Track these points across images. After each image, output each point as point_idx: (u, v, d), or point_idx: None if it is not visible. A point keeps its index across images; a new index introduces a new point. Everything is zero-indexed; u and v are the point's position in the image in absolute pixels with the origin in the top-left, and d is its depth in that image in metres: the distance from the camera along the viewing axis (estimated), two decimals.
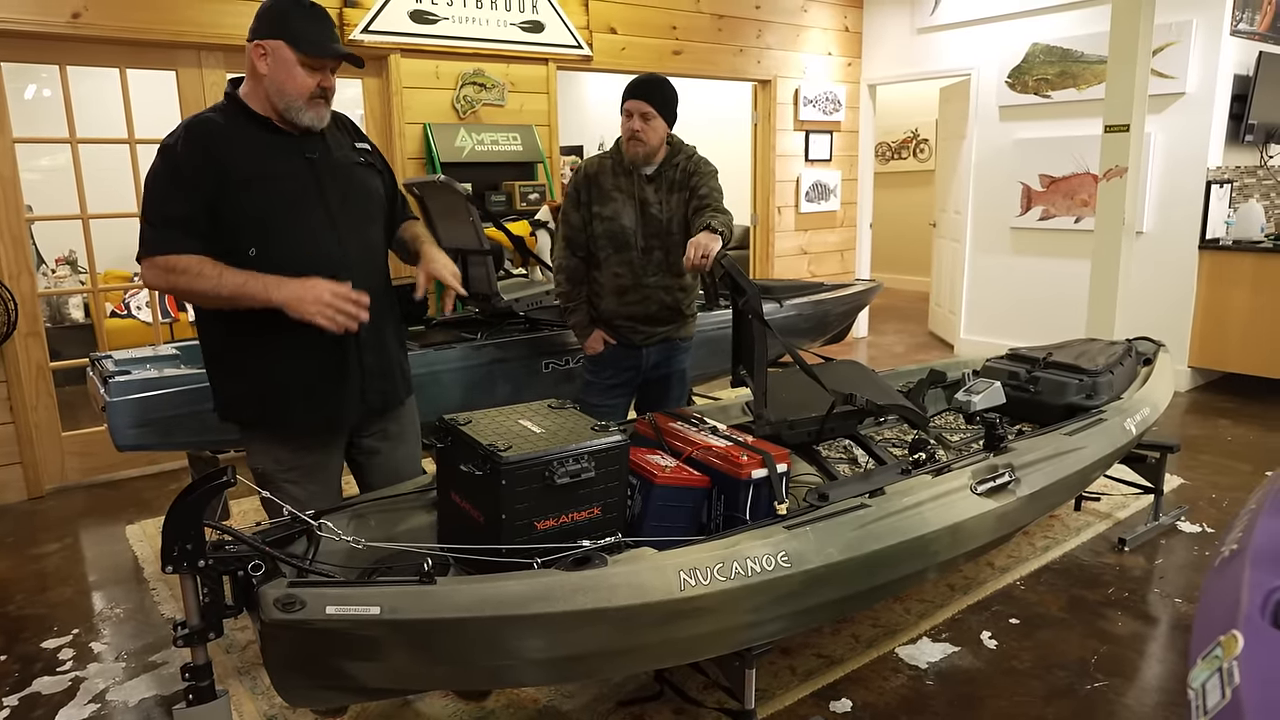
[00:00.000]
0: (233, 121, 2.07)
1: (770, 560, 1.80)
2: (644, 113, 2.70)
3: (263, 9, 2.05)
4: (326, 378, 2.13)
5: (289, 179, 2.07)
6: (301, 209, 2.08)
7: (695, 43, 5.92)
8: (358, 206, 2.18)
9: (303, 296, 1.95)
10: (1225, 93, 5.18)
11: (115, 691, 2.45)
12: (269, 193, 2.04)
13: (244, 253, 2.02)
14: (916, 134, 9.81)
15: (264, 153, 2.06)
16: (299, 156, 2.09)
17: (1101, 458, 2.72)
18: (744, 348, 2.44)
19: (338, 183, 2.14)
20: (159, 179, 2.01)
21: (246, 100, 2.08)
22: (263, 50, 2.03)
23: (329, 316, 1.96)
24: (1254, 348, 5.10)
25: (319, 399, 2.12)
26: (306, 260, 2.05)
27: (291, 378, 2.09)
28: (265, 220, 2.03)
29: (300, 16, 2.04)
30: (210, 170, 1.99)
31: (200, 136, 2.01)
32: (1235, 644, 0.95)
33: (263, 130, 2.07)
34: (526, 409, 2.06)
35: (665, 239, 2.81)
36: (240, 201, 2.01)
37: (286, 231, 2.05)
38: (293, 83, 2.03)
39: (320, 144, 2.13)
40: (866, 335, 7.42)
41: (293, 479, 2.17)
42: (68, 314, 6.06)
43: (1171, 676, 2.42)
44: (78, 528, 3.67)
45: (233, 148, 2.03)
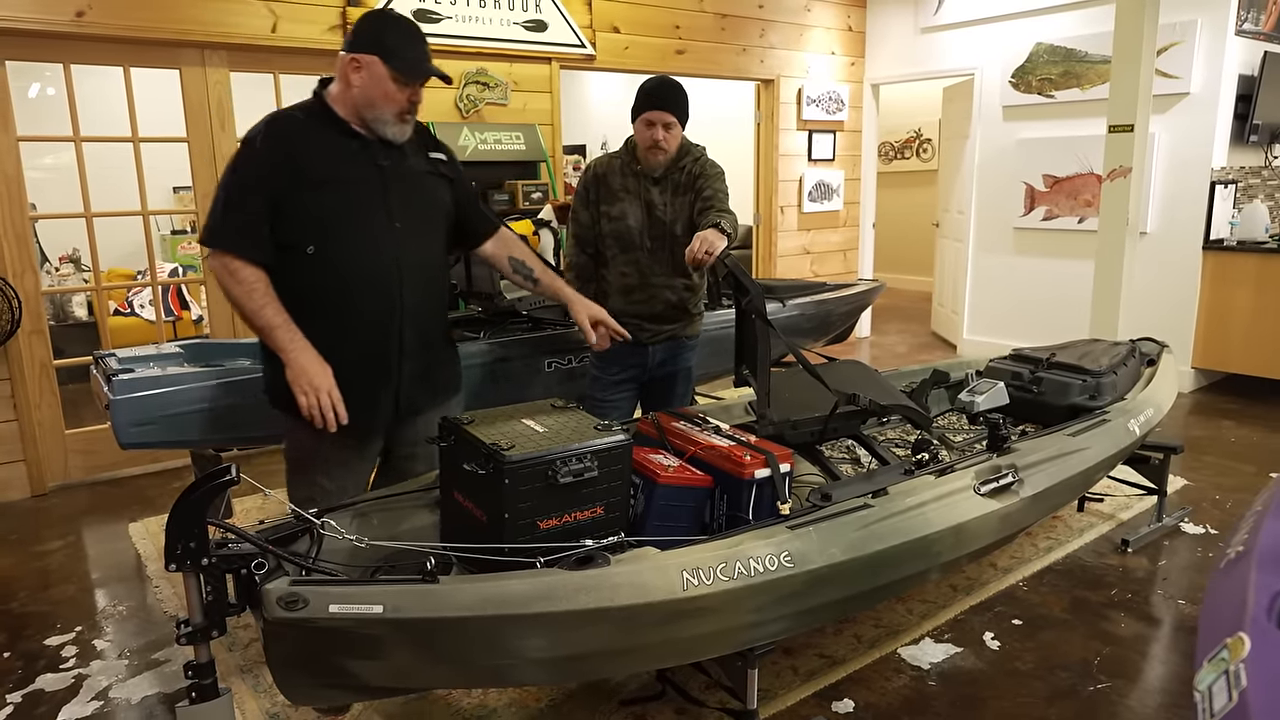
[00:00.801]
0: (314, 121, 2.14)
1: (773, 560, 1.80)
2: (667, 123, 2.69)
3: (361, 23, 2.14)
4: (367, 378, 2.20)
5: (358, 184, 2.13)
6: (364, 214, 2.14)
7: (698, 42, 5.92)
8: (421, 215, 2.24)
9: (310, 374, 2.06)
10: (1230, 93, 5.17)
11: (118, 689, 2.45)
12: (336, 195, 2.11)
13: (302, 250, 2.10)
14: (919, 134, 9.80)
15: (338, 156, 2.13)
16: (371, 163, 2.16)
17: (1105, 459, 2.72)
18: (747, 347, 2.44)
19: (404, 191, 2.20)
20: (237, 171, 2.10)
21: (331, 103, 2.16)
22: (357, 64, 2.10)
23: (309, 402, 2.06)
24: (1258, 349, 5.09)
25: (357, 398, 2.17)
26: (362, 264, 2.14)
27: (342, 370, 2.14)
28: (327, 221, 2.10)
29: (397, 35, 2.12)
30: (285, 167, 2.06)
31: (279, 133, 2.10)
32: (1242, 646, 0.94)
33: (341, 134, 2.14)
34: (529, 408, 2.07)
35: (670, 239, 2.82)
36: (307, 200, 2.08)
37: (346, 234, 2.12)
38: (384, 98, 2.11)
39: (394, 152, 2.20)
40: (869, 335, 7.42)
41: (323, 470, 2.23)
42: (71, 312, 6.07)
43: (1175, 678, 2.41)
44: (81, 525, 3.67)
45: (309, 147, 2.10)
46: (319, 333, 2.12)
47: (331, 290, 2.14)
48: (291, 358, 2.07)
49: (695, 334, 3.03)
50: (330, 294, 2.14)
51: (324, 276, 2.12)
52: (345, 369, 2.14)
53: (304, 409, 2.07)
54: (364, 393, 2.19)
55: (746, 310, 2.24)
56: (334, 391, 2.08)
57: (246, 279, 2.06)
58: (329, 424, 2.08)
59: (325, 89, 2.18)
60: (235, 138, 4.27)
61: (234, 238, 2.07)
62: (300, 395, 2.07)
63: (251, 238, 2.07)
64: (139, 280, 6.12)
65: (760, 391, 2.25)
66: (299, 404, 2.08)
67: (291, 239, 2.09)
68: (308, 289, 2.13)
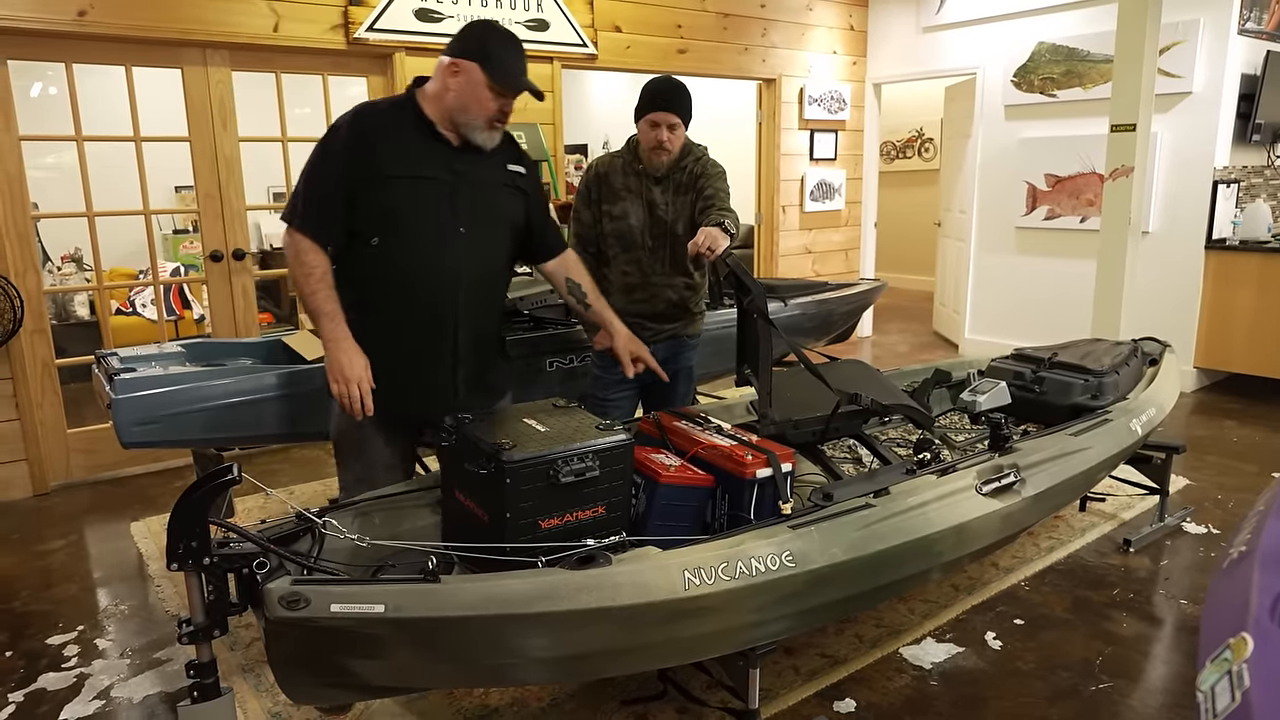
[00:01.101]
0: (400, 117, 2.21)
1: (775, 560, 1.80)
2: (671, 124, 2.70)
3: (466, 30, 2.21)
4: (419, 375, 2.27)
5: (428, 183, 2.19)
6: (430, 214, 2.19)
7: (700, 41, 5.92)
8: (487, 223, 2.29)
9: (342, 364, 2.14)
10: (1232, 92, 5.16)
11: (120, 688, 2.45)
12: (405, 191, 2.17)
13: (368, 240, 2.19)
14: (921, 133, 9.80)
15: (415, 154, 2.19)
16: (446, 166, 2.22)
17: (1107, 458, 2.71)
18: (749, 347, 2.44)
19: (474, 198, 2.25)
20: (321, 155, 2.18)
21: (423, 102, 2.22)
22: (456, 68, 2.17)
23: (338, 391, 2.15)
24: (1260, 348, 5.08)
25: (410, 394, 2.27)
26: (422, 263, 2.20)
27: (392, 364, 2.23)
28: (393, 216, 2.17)
29: (499, 45, 2.19)
30: (363, 158, 2.14)
31: (363, 125, 2.18)
32: (1245, 647, 0.94)
33: (424, 134, 2.21)
34: (531, 408, 2.07)
35: (672, 239, 2.82)
36: (378, 193, 2.15)
37: (412, 232, 2.18)
38: (478, 105, 2.17)
39: (470, 159, 2.25)
40: (871, 335, 7.41)
41: (355, 453, 2.32)
42: (73, 311, 6.08)
43: (1177, 678, 2.41)
44: (83, 524, 3.67)
45: (390, 142, 2.17)
46: (377, 325, 2.22)
47: (391, 285, 2.21)
48: (330, 347, 2.16)
49: (697, 333, 3.03)
50: (390, 288, 2.22)
51: (385, 270, 2.21)
52: (400, 363, 2.24)
53: (335, 396, 2.18)
54: (416, 387, 2.28)
55: (748, 309, 2.25)
56: (364, 384, 2.15)
57: (309, 261, 2.15)
58: (355, 413, 2.16)
59: (419, 88, 2.25)
60: (237, 137, 4.28)
61: (306, 220, 2.16)
62: (332, 384, 2.16)
63: (322, 222, 2.16)
64: (141, 279, 6.12)
65: (762, 391, 2.25)
66: (331, 390, 2.18)
67: (360, 228, 2.18)
68: (370, 280, 2.22)
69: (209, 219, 4.31)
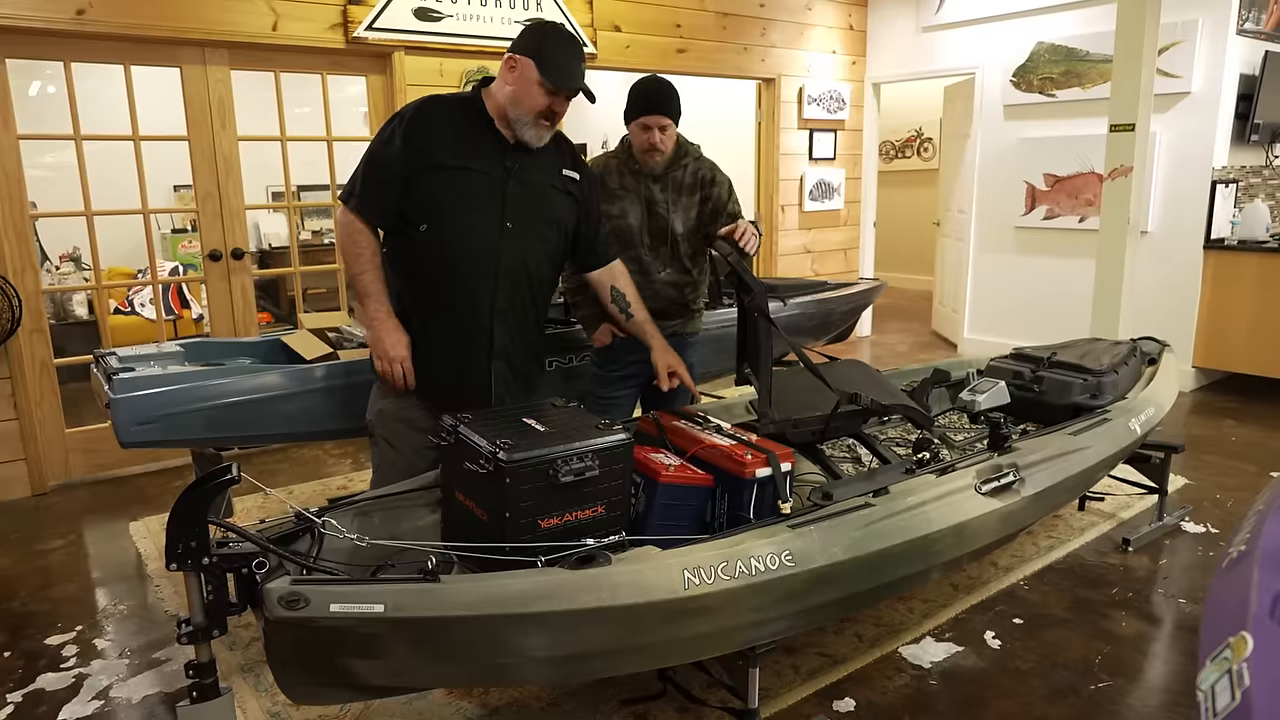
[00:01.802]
0: (462, 111, 2.30)
1: (774, 559, 1.80)
2: (662, 125, 2.72)
3: (526, 28, 2.28)
4: (456, 363, 2.35)
5: (481, 177, 2.26)
6: (476, 206, 2.26)
7: (699, 41, 5.92)
8: (534, 222, 2.34)
9: (385, 344, 2.27)
10: (1231, 92, 5.17)
11: (119, 688, 2.45)
12: (454, 181, 2.24)
13: (417, 226, 2.27)
14: (920, 133, 9.80)
15: (472, 147, 2.27)
16: (498, 161, 2.28)
17: (1106, 458, 2.71)
18: (749, 346, 2.44)
19: (523, 196, 2.31)
20: (382, 140, 2.26)
21: (485, 98, 2.30)
22: (514, 63, 2.23)
23: (382, 368, 2.30)
24: (1259, 348, 5.09)
25: (446, 378, 2.35)
26: (466, 254, 2.27)
27: (432, 347, 2.33)
28: (441, 204, 2.24)
29: (555, 44, 2.24)
30: (419, 146, 2.22)
31: (426, 113, 2.27)
32: (1245, 646, 0.94)
33: (482, 128, 2.28)
34: (530, 407, 2.06)
35: (671, 237, 2.83)
36: (432, 181, 2.23)
37: (455, 221, 2.26)
38: (529, 99, 2.23)
39: (524, 158, 2.31)
40: (870, 334, 7.42)
41: (391, 434, 2.40)
42: (71, 311, 6.07)
43: (1176, 677, 2.41)
44: (81, 524, 3.67)
45: (446, 132, 2.25)
46: (419, 308, 2.32)
47: (434, 271, 2.29)
48: (374, 326, 2.27)
49: (696, 331, 3.03)
50: (433, 274, 2.29)
51: (430, 256, 2.28)
52: (439, 346, 2.33)
53: (380, 373, 2.31)
54: (448, 383, 2.35)
55: (749, 309, 2.25)
56: (406, 362, 2.28)
57: (359, 241, 2.26)
58: (400, 387, 2.31)
59: (485, 85, 2.32)
60: (236, 136, 4.28)
61: (364, 201, 2.26)
62: (377, 361, 2.30)
63: (376, 204, 2.26)
64: (139, 279, 6.12)
65: (762, 390, 2.25)
66: (375, 368, 2.30)
67: (411, 214, 2.26)
68: (415, 265, 2.31)
69: (208, 218, 4.30)
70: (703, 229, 2.87)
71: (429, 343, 2.33)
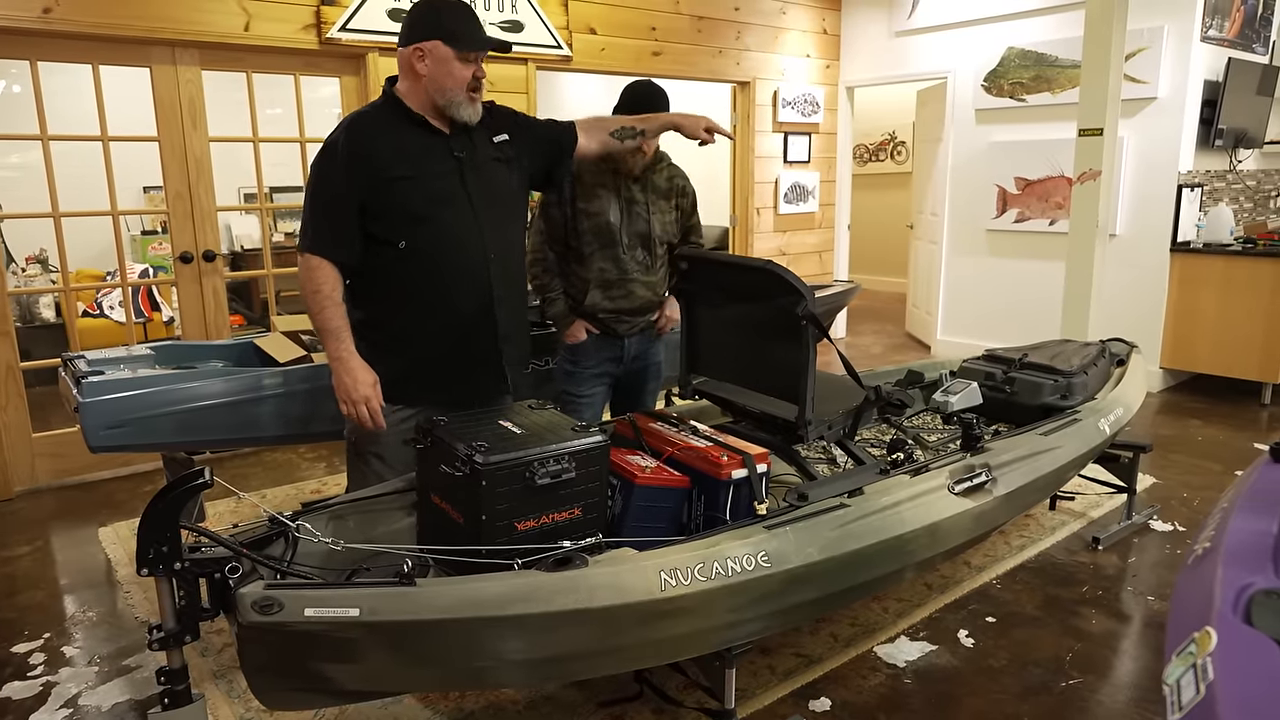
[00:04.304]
0: (390, 118, 2.21)
1: (750, 560, 1.81)
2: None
3: (413, 14, 2.20)
4: (467, 365, 2.31)
5: (438, 177, 2.20)
6: (448, 206, 2.21)
7: (674, 44, 5.93)
8: (499, 204, 2.31)
9: (346, 386, 2.16)
10: (1196, 98, 5.27)
11: (88, 696, 2.41)
12: (418, 189, 2.17)
13: (395, 245, 2.18)
14: (894, 136, 9.88)
15: (416, 150, 2.20)
16: (448, 155, 2.23)
17: (1076, 457, 2.75)
18: (707, 351, 2.46)
19: (481, 181, 2.27)
20: (322, 175, 2.18)
21: (404, 99, 2.22)
22: (421, 53, 2.17)
23: (346, 412, 2.20)
24: (1224, 349, 5.18)
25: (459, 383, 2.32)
26: (453, 255, 2.22)
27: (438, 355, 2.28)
28: (415, 215, 2.18)
29: (451, 15, 2.19)
30: (367, 167, 2.14)
31: (359, 133, 2.18)
32: (1209, 640, 0.96)
33: (417, 128, 2.22)
34: (506, 409, 2.06)
35: (647, 239, 2.87)
36: (392, 196, 2.15)
37: (435, 227, 2.20)
38: (451, 79, 2.18)
39: (467, 142, 2.26)
40: (845, 336, 7.47)
41: (379, 453, 2.32)
42: (38, 313, 5.97)
43: (1144, 673, 2.45)
44: (49, 530, 3.61)
45: (389, 144, 2.17)
46: (416, 321, 2.25)
47: (426, 283, 2.23)
48: (335, 366, 2.18)
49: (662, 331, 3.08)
50: (425, 287, 2.23)
51: (418, 270, 2.21)
52: (447, 358, 2.28)
53: (345, 415, 2.21)
54: (461, 377, 2.32)
55: (801, 315, 2.16)
56: (371, 401, 2.18)
57: (317, 279, 2.15)
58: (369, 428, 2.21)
59: (394, 86, 2.25)
60: (207, 137, 4.23)
61: (317, 240, 2.17)
62: (341, 405, 2.19)
63: (335, 239, 2.16)
64: (108, 281, 6.03)
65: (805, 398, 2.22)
66: (341, 410, 2.20)
67: (384, 235, 2.18)
68: (404, 283, 2.23)
69: (178, 220, 4.25)
70: (670, 235, 2.95)
71: (434, 350, 2.27)
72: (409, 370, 2.28)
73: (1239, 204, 5.57)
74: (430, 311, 2.25)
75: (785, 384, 2.29)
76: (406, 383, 2.29)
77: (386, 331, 2.27)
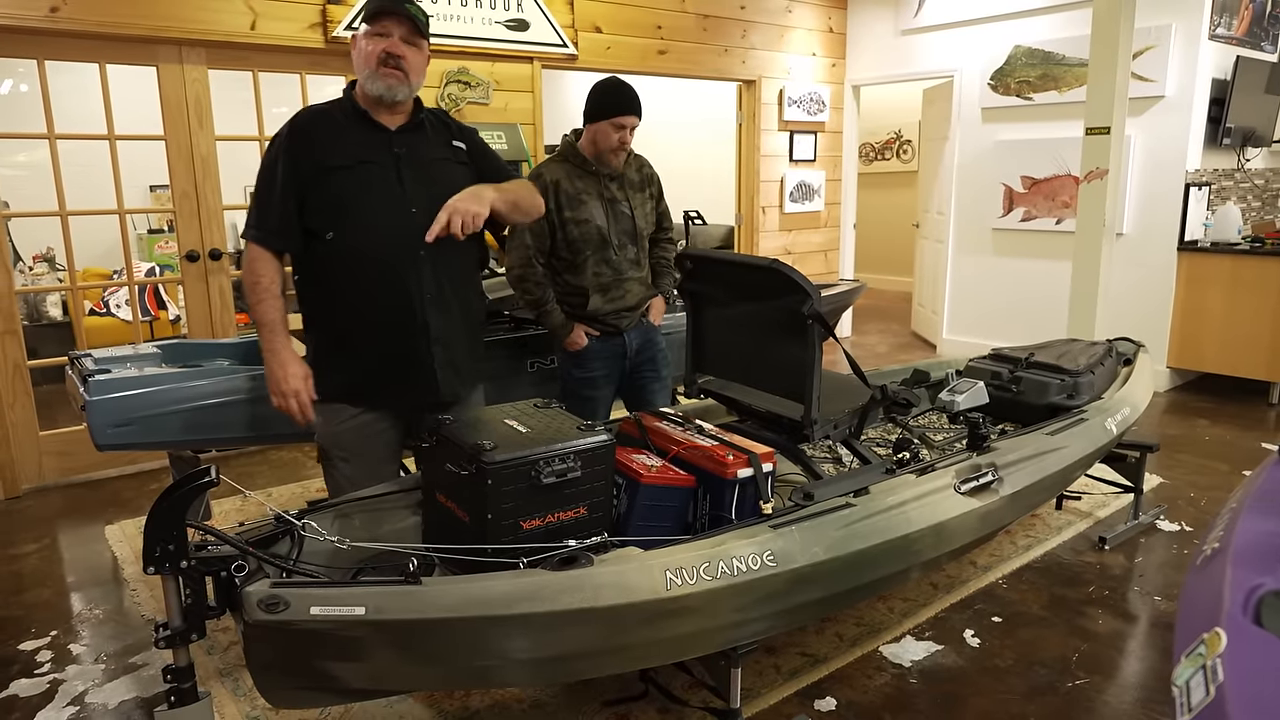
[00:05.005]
0: (337, 112, 2.24)
1: (756, 560, 1.80)
2: (634, 125, 2.84)
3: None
4: (395, 366, 2.26)
5: (370, 168, 2.19)
6: (379, 199, 2.19)
7: (680, 42, 5.93)
8: (439, 200, 2.24)
9: (277, 378, 2.16)
10: (1204, 96, 5.24)
11: (95, 694, 2.42)
12: (349, 180, 2.17)
13: (323, 236, 2.18)
14: (900, 135, 9.86)
15: (354, 143, 2.20)
16: (386, 150, 2.22)
17: (1082, 457, 2.74)
18: (713, 350, 2.45)
19: (421, 177, 2.24)
20: (265, 167, 2.20)
21: (355, 95, 2.25)
22: (353, 42, 2.22)
23: (276, 404, 2.19)
24: (1231, 348, 5.16)
25: (386, 386, 2.27)
26: (380, 250, 2.19)
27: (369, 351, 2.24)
28: (343, 206, 2.17)
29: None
30: (305, 158, 2.15)
31: (302, 125, 2.21)
32: (1219, 641, 0.96)
33: (361, 122, 2.23)
34: (512, 408, 2.06)
35: (634, 234, 2.94)
36: (325, 186, 2.16)
37: (362, 220, 2.18)
38: (362, 57, 2.19)
39: (410, 139, 2.26)
40: (850, 335, 7.46)
41: (344, 456, 2.31)
42: (45, 312, 5.99)
43: (1151, 673, 2.44)
44: (55, 528, 3.62)
45: (329, 136, 2.19)
46: (347, 320, 2.23)
47: (354, 277, 2.20)
48: (267, 358, 2.18)
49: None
50: (353, 281, 2.21)
51: (345, 263, 2.20)
52: (372, 356, 2.25)
53: (277, 408, 2.20)
54: (393, 380, 2.27)
55: (807, 315, 2.15)
56: (301, 395, 2.19)
57: (258, 270, 2.17)
58: (299, 422, 2.20)
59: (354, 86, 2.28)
60: (213, 136, 4.24)
61: (259, 230, 2.18)
62: (272, 397, 2.19)
63: (276, 228, 2.18)
64: (115, 280, 6.05)
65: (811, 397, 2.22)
66: (273, 403, 2.20)
67: (315, 225, 2.18)
68: (333, 276, 2.22)
69: (185, 219, 4.26)
70: (650, 224, 3.02)
71: (366, 345, 2.24)
72: (351, 369, 2.26)
73: (1247, 203, 5.55)
74: (359, 308, 2.22)
75: (791, 383, 2.28)
76: (351, 382, 2.27)
77: (326, 329, 2.27)
